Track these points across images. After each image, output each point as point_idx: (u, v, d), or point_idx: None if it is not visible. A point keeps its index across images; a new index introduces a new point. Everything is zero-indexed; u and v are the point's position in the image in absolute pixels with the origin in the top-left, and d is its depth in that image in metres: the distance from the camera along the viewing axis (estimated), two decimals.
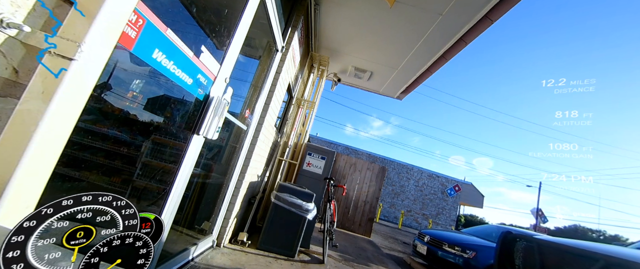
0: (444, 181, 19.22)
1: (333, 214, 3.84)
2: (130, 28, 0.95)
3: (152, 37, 1.08)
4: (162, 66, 1.18)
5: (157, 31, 1.11)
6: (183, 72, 1.34)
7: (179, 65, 1.29)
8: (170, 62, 1.23)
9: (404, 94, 5.37)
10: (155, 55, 1.13)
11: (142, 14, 1.00)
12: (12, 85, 0.70)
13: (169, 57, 1.21)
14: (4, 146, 0.65)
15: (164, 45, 1.16)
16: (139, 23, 0.99)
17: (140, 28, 1.00)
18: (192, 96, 1.52)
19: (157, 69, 1.16)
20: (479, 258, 4.00)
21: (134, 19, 0.96)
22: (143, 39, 1.03)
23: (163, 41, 1.16)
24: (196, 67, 1.43)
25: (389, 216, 18.17)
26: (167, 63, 1.21)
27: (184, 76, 1.35)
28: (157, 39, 1.12)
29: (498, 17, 2.78)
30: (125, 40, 0.94)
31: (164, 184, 2.36)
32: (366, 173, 7.10)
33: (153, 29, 1.08)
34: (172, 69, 1.25)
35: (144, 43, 1.05)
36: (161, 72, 1.18)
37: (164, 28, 1.15)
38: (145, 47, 1.06)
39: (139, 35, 1.00)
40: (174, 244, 2.06)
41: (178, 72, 1.30)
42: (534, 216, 16.49)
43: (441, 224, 18.33)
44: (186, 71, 1.36)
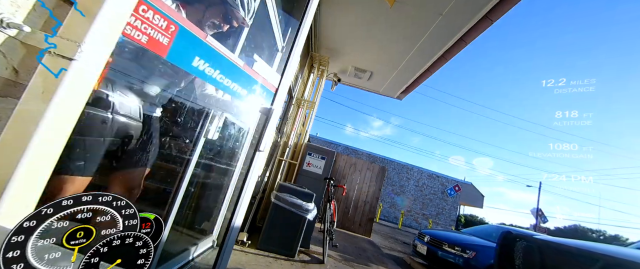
0: (444, 181, 19.22)
1: (333, 214, 3.84)
2: (161, 35, 0.93)
3: (188, 43, 1.03)
4: (206, 75, 1.11)
5: (193, 37, 1.05)
6: (233, 82, 1.23)
7: (228, 74, 1.20)
8: (216, 72, 1.14)
9: (404, 94, 5.37)
10: (196, 64, 1.06)
11: (172, 19, 0.97)
12: (12, 85, 0.70)
13: (213, 65, 1.12)
14: (4, 146, 0.65)
15: (204, 53, 1.09)
16: (171, 29, 0.96)
17: (173, 34, 0.97)
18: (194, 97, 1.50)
19: (201, 77, 1.10)
20: (479, 258, 4.00)
21: (165, 25, 0.94)
22: (177, 46, 0.99)
23: (203, 48, 1.09)
24: (249, 77, 1.34)
25: (389, 216, 18.17)
26: (212, 72, 1.13)
27: (235, 86, 1.24)
28: (195, 46, 1.05)
29: (498, 17, 2.78)
30: (156, 47, 0.92)
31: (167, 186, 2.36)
32: (366, 173, 7.10)
33: (188, 35, 1.03)
34: (218, 78, 1.16)
35: (180, 50, 1.00)
36: (208, 81, 1.12)
37: (202, 35, 1.09)
38: (182, 54, 1.01)
39: (172, 42, 0.97)
40: (174, 244, 2.06)
41: (226, 82, 1.20)
42: (534, 216, 16.48)
43: (441, 224, 18.33)
44: (237, 80, 1.25)
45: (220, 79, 1.18)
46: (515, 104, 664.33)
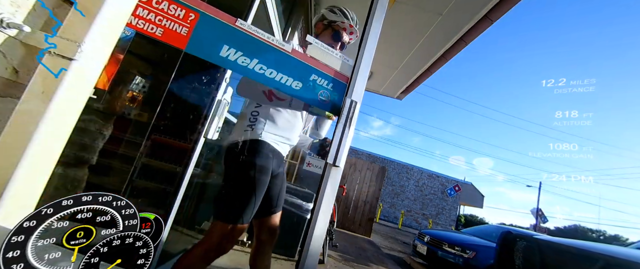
0: (444, 181, 19.23)
1: (333, 214, 3.84)
2: (179, 25, 0.86)
3: (212, 31, 0.89)
4: (240, 66, 0.92)
5: (218, 23, 0.90)
6: (280, 72, 0.97)
7: (271, 64, 0.96)
8: (254, 62, 0.93)
9: (404, 94, 5.38)
10: (225, 53, 0.89)
11: (192, 7, 0.87)
12: (12, 85, 0.70)
13: (249, 54, 0.92)
14: (4, 146, 0.65)
15: (235, 40, 0.91)
16: (191, 18, 0.87)
17: (192, 23, 0.87)
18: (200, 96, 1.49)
19: (233, 69, 0.92)
20: (479, 258, 4.00)
21: (182, 14, 0.86)
22: (198, 35, 0.87)
23: (233, 34, 0.91)
24: (307, 65, 1.04)
25: (389, 216, 18.17)
26: (250, 63, 0.92)
27: (284, 78, 0.98)
28: (223, 33, 0.89)
29: (498, 17, 2.78)
30: (175, 39, 0.85)
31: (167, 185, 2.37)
32: (366, 173, 7.10)
33: (211, 21, 0.89)
34: (258, 70, 0.94)
35: (201, 39, 0.87)
36: (244, 74, 0.93)
37: (230, 19, 0.92)
38: (204, 44, 0.88)
39: (191, 32, 0.87)
40: (174, 244, 2.06)
41: (270, 73, 0.96)
42: (534, 216, 16.48)
43: (441, 224, 18.34)
44: (291, 73, 0.99)
45: (261, 69, 0.94)
46: (515, 104, 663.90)
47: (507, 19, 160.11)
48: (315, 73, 1.04)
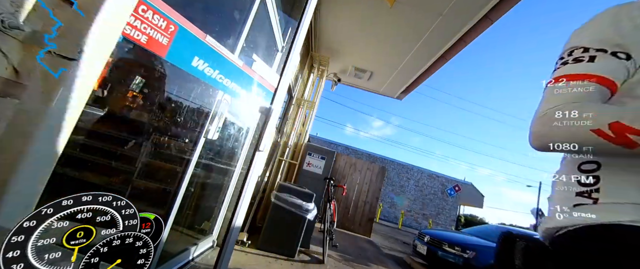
0: (444, 181, 19.22)
1: (333, 214, 3.84)
2: (160, 34, 0.93)
3: (187, 44, 1.02)
4: (206, 75, 1.10)
5: (192, 37, 1.04)
6: (232, 81, 1.22)
7: (227, 74, 1.18)
8: (215, 72, 1.13)
9: (404, 94, 5.38)
10: (195, 64, 1.05)
11: (172, 19, 0.96)
12: (12, 85, 0.70)
13: (213, 65, 1.11)
14: (4, 146, 0.65)
15: (204, 53, 1.08)
16: (171, 29, 0.96)
17: (172, 34, 0.97)
18: (201, 100, 1.50)
19: (200, 78, 1.08)
20: (479, 258, 4.01)
21: (164, 25, 0.93)
22: (177, 46, 0.98)
23: (202, 48, 1.08)
24: (248, 77, 1.33)
25: (389, 216, 18.17)
26: (212, 72, 1.11)
27: (234, 86, 1.23)
28: (194, 46, 1.04)
29: (498, 17, 2.78)
30: (156, 47, 0.91)
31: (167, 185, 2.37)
32: (366, 173, 7.10)
33: (187, 35, 1.02)
34: (218, 78, 1.14)
35: (179, 50, 0.99)
36: (206, 82, 1.10)
37: (201, 35, 1.08)
38: (181, 55, 1.00)
39: (171, 42, 0.96)
40: (174, 245, 2.06)
41: (226, 82, 1.18)
42: (534, 216, 16.48)
43: (441, 224, 18.34)
44: (237, 80, 1.24)
45: (220, 79, 1.18)
46: (515, 104, 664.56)
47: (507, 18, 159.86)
48: (254, 83, 1.40)
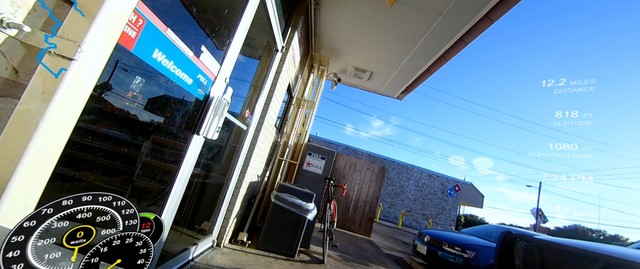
0: (444, 181, 19.21)
1: (333, 214, 3.84)
2: (131, 28, 0.95)
3: (152, 37, 1.07)
4: (162, 66, 1.18)
5: (157, 31, 1.10)
6: (183, 72, 1.33)
7: (179, 65, 1.29)
8: (171, 63, 1.23)
9: (404, 94, 5.37)
10: (155, 56, 1.12)
11: (142, 14, 0.99)
12: (12, 85, 0.70)
13: (169, 57, 1.20)
14: (4, 146, 0.65)
15: (164, 46, 1.16)
16: (139, 23, 0.99)
17: (140, 28, 0.99)
18: (192, 96, 1.52)
19: (157, 69, 1.15)
20: (479, 258, 4.00)
21: (134, 19, 0.96)
22: (143, 39, 1.02)
23: (163, 41, 1.15)
24: (196, 67, 1.43)
25: (389, 216, 18.16)
26: (167, 63, 1.21)
27: (184, 76, 1.35)
28: (157, 39, 1.11)
29: (498, 17, 2.78)
30: (126, 41, 0.94)
31: (164, 184, 2.36)
32: (366, 173, 7.10)
33: (153, 29, 1.07)
34: (172, 69, 1.25)
35: (144, 43, 1.04)
36: (161, 72, 1.18)
37: (164, 28, 1.15)
38: (145, 47, 1.06)
39: (139, 36, 1.00)
40: (174, 244, 2.06)
41: (178, 72, 1.30)
42: (534, 216, 16.48)
43: (441, 224, 18.32)
44: (186, 71, 1.35)
45: (173, 69, 1.25)
46: (515, 104, 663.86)
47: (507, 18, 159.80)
48: (200, 72, 1.49)
